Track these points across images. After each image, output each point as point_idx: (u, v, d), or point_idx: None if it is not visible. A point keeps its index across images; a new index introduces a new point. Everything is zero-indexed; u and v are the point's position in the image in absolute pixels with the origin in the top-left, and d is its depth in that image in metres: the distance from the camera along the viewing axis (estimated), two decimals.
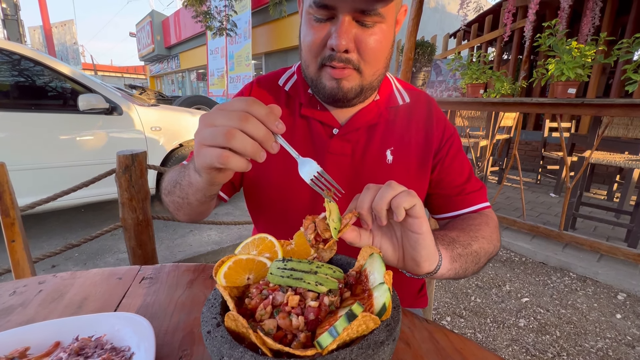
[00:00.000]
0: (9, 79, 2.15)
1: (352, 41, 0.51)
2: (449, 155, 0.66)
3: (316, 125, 0.63)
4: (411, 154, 0.64)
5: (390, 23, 0.53)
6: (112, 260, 2.09)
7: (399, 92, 0.68)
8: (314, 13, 0.51)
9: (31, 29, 16.86)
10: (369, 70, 0.55)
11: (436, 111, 0.68)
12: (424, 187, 0.66)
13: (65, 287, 0.57)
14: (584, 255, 2.26)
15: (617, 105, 1.95)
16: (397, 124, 0.65)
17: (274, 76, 0.70)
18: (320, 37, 0.52)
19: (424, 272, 0.44)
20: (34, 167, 2.13)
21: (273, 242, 0.44)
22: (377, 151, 0.63)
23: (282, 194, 0.64)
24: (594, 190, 4.02)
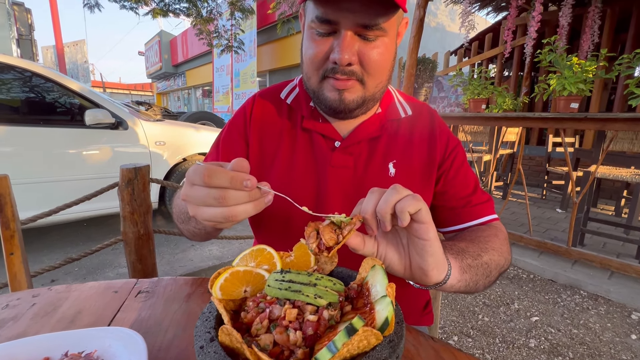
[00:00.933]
0: (18, 95, 2.20)
1: (355, 55, 0.51)
2: (454, 167, 0.65)
3: (318, 138, 0.63)
4: (414, 166, 0.63)
5: (392, 35, 0.54)
6: (112, 275, 2.06)
7: (401, 105, 0.68)
8: (317, 27, 0.51)
9: (44, 49, 17.47)
10: (372, 82, 0.55)
11: (439, 123, 0.67)
12: (427, 199, 0.64)
13: (59, 301, 0.56)
14: (594, 273, 2.19)
15: (621, 119, 1.94)
16: (399, 137, 0.64)
17: (275, 89, 0.70)
18: (323, 51, 0.52)
19: (433, 281, 0.42)
20: (39, 181, 2.15)
21: (272, 254, 0.42)
22: (379, 164, 0.62)
23: (283, 206, 0.63)
24: (601, 205, 3.96)
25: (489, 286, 0.53)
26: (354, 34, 0.50)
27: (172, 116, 7.11)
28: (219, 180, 0.35)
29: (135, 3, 5.59)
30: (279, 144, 0.64)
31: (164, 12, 6.01)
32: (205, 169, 0.35)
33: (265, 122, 0.66)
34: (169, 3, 5.99)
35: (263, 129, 0.66)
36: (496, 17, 5.52)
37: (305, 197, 0.62)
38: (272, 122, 0.66)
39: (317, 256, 0.45)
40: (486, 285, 0.52)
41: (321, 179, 0.62)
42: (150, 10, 5.88)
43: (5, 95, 2.15)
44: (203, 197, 0.36)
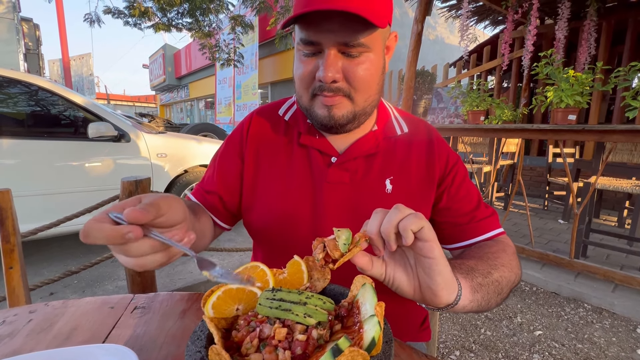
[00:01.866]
0: (21, 108, 2.24)
1: (340, 72, 0.53)
2: (455, 183, 0.65)
3: (315, 153, 0.64)
4: (412, 183, 0.63)
5: (378, 51, 0.55)
6: (111, 288, 2.05)
7: (398, 122, 0.68)
8: (303, 49, 0.54)
9: (51, 62, 17.82)
10: (360, 97, 0.56)
11: (437, 140, 0.67)
12: (426, 216, 0.64)
13: (55, 317, 0.56)
14: (597, 285, 2.17)
15: (619, 131, 1.95)
16: (396, 154, 0.65)
17: (274, 106, 0.71)
18: (309, 70, 0.55)
19: (443, 302, 0.41)
20: (42, 193, 2.17)
21: (265, 271, 0.43)
22: (375, 180, 0.62)
23: (281, 221, 0.63)
24: (603, 216, 3.93)
25: (500, 303, 0.52)
26: (337, 52, 0.52)
27: (175, 128, 7.18)
28: (97, 239, 0.32)
29: (139, 18, 5.73)
30: (276, 160, 0.65)
31: (167, 27, 6.15)
32: (85, 228, 0.32)
33: (262, 138, 0.67)
34: (172, 18, 6.13)
35: (260, 146, 0.67)
36: (494, 30, 5.62)
37: (301, 213, 0.62)
38: (270, 139, 0.67)
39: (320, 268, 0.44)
40: (498, 302, 0.51)
41: (317, 194, 0.62)
42: (153, 25, 6.02)
43: (10, 109, 2.19)
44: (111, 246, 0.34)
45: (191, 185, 2.81)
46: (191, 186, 2.81)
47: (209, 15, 6.08)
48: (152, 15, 5.83)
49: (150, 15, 5.80)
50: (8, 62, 5.17)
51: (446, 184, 0.64)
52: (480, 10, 4.68)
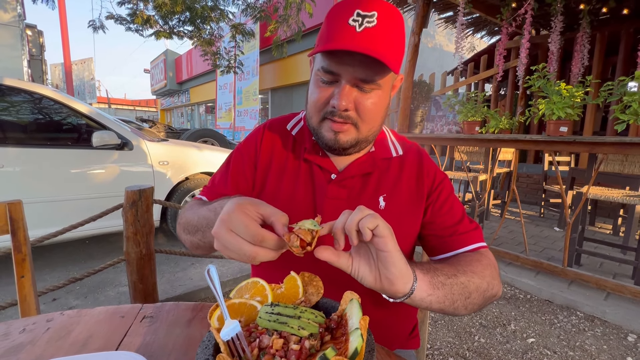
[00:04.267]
0: (27, 117, 2.29)
1: (352, 102, 0.60)
2: (440, 199, 0.70)
3: (317, 170, 0.70)
4: (403, 200, 0.69)
5: (386, 89, 0.62)
6: (112, 294, 2.09)
7: (393, 145, 0.75)
8: (322, 76, 0.60)
9: (53, 66, 17.94)
10: (365, 127, 0.63)
11: (427, 161, 0.74)
12: (415, 230, 0.70)
13: (71, 325, 0.61)
14: (590, 293, 2.21)
15: (609, 143, 2.01)
16: (390, 174, 0.71)
17: (283, 121, 0.78)
18: (325, 97, 0.61)
19: (400, 291, 0.47)
20: (46, 200, 2.22)
21: (264, 286, 0.48)
22: (370, 197, 0.68)
23: None
24: (599, 224, 3.98)
25: (471, 309, 0.56)
26: (352, 85, 0.59)
27: (175, 133, 7.25)
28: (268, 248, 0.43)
29: (141, 25, 5.82)
30: (283, 173, 0.72)
31: (168, 34, 6.23)
32: (256, 229, 0.42)
33: (272, 151, 0.74)
34: (173, 26, 6.22)
35: (270, 158, 0.74)
36: (490, 40, 5.72)
37: None
38: (279, 152, 0.74)
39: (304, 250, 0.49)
40: (467, 306, 0.55)
41: (318, 208, 0.68)
42: (155, 32, 6.11)
43: (15, 118, 2.25)
44: (237, 249, 0.42)
45: (192, 192, 2.86)
46: (192, 193, 2.86)
47: (210, 24, 6.18)
48: (154, 23, 5.93)
49: (153, 22, 5.89)
50: (12, 67, 5.25)
51: (432, 199, 0.70)
52: (477, 21, 4.77)
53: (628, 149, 1.94)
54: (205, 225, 0.58)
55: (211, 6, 5.90)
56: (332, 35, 0.57)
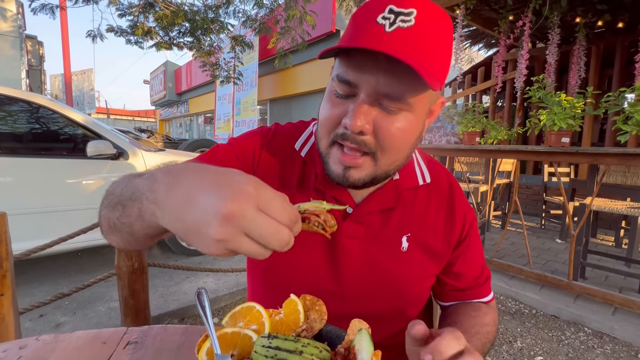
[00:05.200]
0: (19, 126, 2.25)
1: (370, 123, 0.45)
2: (469, 247, 0.63)
3: (331, 202, 0.56)
4: (428, 242, 0.59)
5: (419, 113, 0.48)
6: (103, 310, 2.01)
7: (420, 170, 0.62)
8: (336, 87, 0.47)
9: (53, 77, 18.03)
10: (385, 159, 0.49)
11: (458, 196, 0.63)
12: (433, 277, 0.63)
13: (46, 353, 0.55)
14: (597, 308, 2.15)
15: (612, 154, 1.98)
16: (415, 208, 0.59)
17: (291, 134, 0.63)
18: (337, 114, 0.48)
19: None
20: (36, 211, 2.15)
21: (261, 312, 0.42)
22: (391, 237, 0.58)
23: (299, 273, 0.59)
24: (600, 235, 3.94)
25: None
26: (372, 101, 0.45)
27: (173, 143, 7.23)
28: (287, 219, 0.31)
29: (141, 37, 5.85)
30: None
31: (168, 46, 6.27)
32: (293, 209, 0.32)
33: (273, 169, 0.60)
34: (174, 37, 6.27)
35: (271, 177, 0.60)
36: (487, 52, 5.79)
37: (318, 268, 0.59)
38: (284, 176, 0.60)
39: (307, 314, 0.45)
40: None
41: (334, 249, 0.58)
42: (155, 44, 6.15)
43: (8, 127, 2.20)
44: (271, 234, 0.29)
45: None
46: None
47: (210, 35, 6.23)
48: (155, 35, 5.97)
49: (153, 34, 5.93)
50: (11, 77, 5.24)
51: (462, 248, 0.62)
52: (474, 34, 4.84)
53: (631, 160, 1.92)
54: (130, 195, 0.38)
55: (211, 18, 5.96)
56: (354, 35, 0.45)
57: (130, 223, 0.39)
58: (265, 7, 5.44)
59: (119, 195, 0.41)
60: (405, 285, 0.59)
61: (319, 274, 0.59)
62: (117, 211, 0.40)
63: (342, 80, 0.46)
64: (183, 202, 0.30)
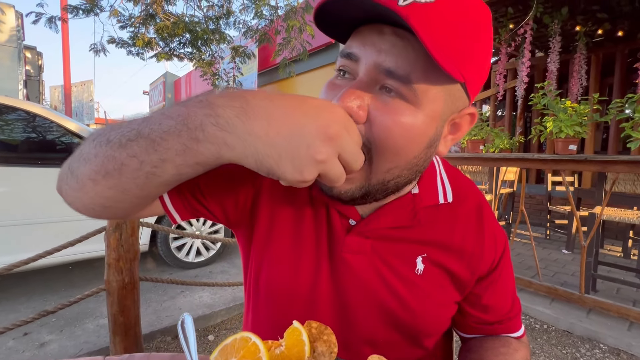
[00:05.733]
0: (8, 135, 2.17)
1: (364, 109, 0.36)
2: (501, 277, 0.54)
3: (333, 213, 0.50)
4: (448, 265, 0.50)
5: (429, 112, 0.38)
6: (91, 327, 1.90)
7: (443, 186, 0.52)
8: (339, 63, 0.41)
9: (52, 88, 18.12)
10: (380, 164, 0.39)
11: (488, 218, 0.53)
12: (453, 305, 0.54)
13: None
14: (612, 323, 2.05)
15: (621, 161, 1.92)
16: (435, 228, 0.50)
17: None
18: (330, 97, 0.40)
19: None
20: (23, 223, 2.06)
21: (257, 346, 0.34)
22: (404, 256, 0.49)
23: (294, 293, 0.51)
24: (607, 246, 3.85)
25: None
26: (372, 82, 0.37)
27: None
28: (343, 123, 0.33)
29: (142, 48, 5.87)
30: (290, 216, 0.51)
31: (169, 56, 6.29)
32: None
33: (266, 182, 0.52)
34: (174, 48, 6.29)
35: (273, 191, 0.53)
36: None
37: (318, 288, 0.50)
38: (274, 183, 0.52)
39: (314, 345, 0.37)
40: None
41: (333, 265, 0.50)
42: (156, 54, 6.16)
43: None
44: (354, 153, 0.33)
45: None
46: None
47: (210, 46, 6.26)
48: (155, 45, 5.98)
49: (153, 45, 5.95)
50: (8, 88, 5.22)
51: (493, 278, 0.53)
52: None
53: None
54: (168, 128, 0.31)
55: (212, 29, 6.00)
56: None
57: (162, 160, 0.31)
58: (265, 18, 5.47)
59: (139, 130, 0.32)
60: (419, 313, 0.50)
61: (319, 295, 0.51)
62: (137, 146, 0.31)
63: (344, 54, 0.40)
64: (278, 125, 0.30)
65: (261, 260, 0.53)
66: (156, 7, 5.28)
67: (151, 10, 5.38)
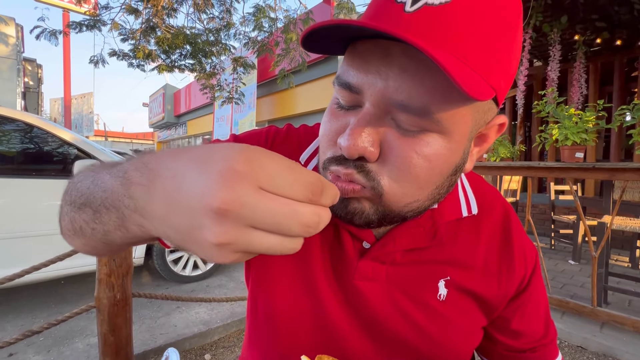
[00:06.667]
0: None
1: (376, 145, 0.31)
2: (532, 298, 0.48)
3: (344, 234, 0.44)
4: (475, 288, 0.44)
5: (457, 137, 0.32)
6: (81, 347, 1.80)
7: (466, 197, 0.47)
8: (337, 94, 0.35)
9: (52, 100, 18.21)
10: (395, 193, 0.33)
11: (517, 231, 0.47)
12: (478, 336, 0.48)
13: None
14: (627, 338, 1.96)
15: (630, 169, 1.87)
16: (458, 245, 0.44)
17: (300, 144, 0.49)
18: (335, 129, 0.35)
19: None
20: (13, 236, 1.99)
21: None
22: (425, 280, 0.44)
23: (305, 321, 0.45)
24: (614, 256, 3.77)
25: None
26: (382, 113, 0.31)
27: None
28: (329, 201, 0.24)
29: (143, 60, 5.89)
30: None
31: (170, 68, 6.32)
32: (312, 174, 0.22)
33: None
34: (175, 60, 6.32)
35: None
36: None
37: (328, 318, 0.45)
38: None
39: None
40: None
41: (345, 294, 0.44)
42: (157, 66, 6.18)
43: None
44: (282, 216, 0.21)
45: None
46: None
47: (211, 57, 6.29)
48: (156, 57, 6.01)
49: (154, 57, 5.98)
50: (7, 99, 5.20)
51: (523, 300, 0.47)
52: None
53: None
54: (102, 200, 0.28)
55: (212, 41, 6.04)
56: (363, 18, 0.33)
57: (106, 231, 0.29)
58: (264, 30, 5.52)
59: (87, 194, 0.31)
60: (442, 344, 0.44)
61: (330, 326, 0.44)
62: (86, 214, 0.31)
63: (341, 84, 0.33)
64: (166, 203, 0.23)
65: (258, 281, 0.48)
66: (157, 19, 5.32)
67: (152, 23, 5.42)
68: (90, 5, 5.84)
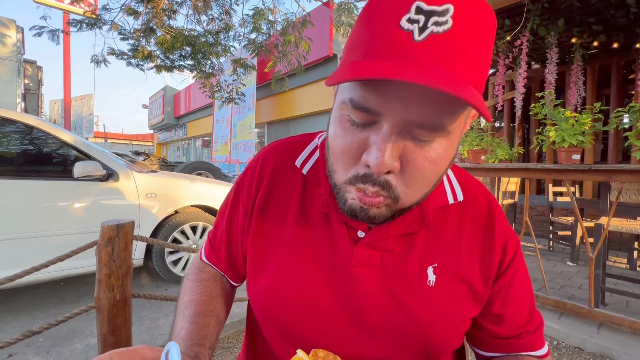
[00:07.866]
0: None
1: (398, 159, 0.36)
2: (514, 282, 0.49)
3: (338, 225, 0.48)
4: (462, 274, 0.48)
5: (456, 136, 0.38)
6: (80, 347, 1.80)
7: (451, 187, 0.51)
8: (350, 113, 0.36)
9: (52, 102, 18.21)
10: (409, 197, 0.39)
11: (499, 218, 0.51)
12: (469, 316, 0.49)
13: None
14: (625, 339, 1.97)
15: (627, 171, 1.89)
16: (444, 232, 0.48)
17: (291, 148, 0.55)
18: (355, 145, 0.37)
19: None
20: (14, 237, 1.99)
21: None
22: (415, 267, 0.47)
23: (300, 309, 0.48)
24: (612, 257, 3.79)
25: None
26: (402, 131, 0.35)
27: (169, 166, 7.14)
28: None
29: (142, 60, 5.90)
30: (287, 226, 0.50)
31: (169, 68, 6.33)
32: None
33: (273, 198, 0.52)
34: (174, 60, 6.34)
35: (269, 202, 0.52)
36: None
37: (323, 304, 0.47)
38: (282, 198, 0.52)
39: None
40: None
41: (341, 280, 0.47)
42: (155, 65, 6.20)
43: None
44: None
45: (181, 227, 2.64)
46: (181, 228, 2.65)
47: (210, 58, 6.31)
48: (155, 58, 6.03)
49: (153, 58, 5.99)
50: (7, 101, 5.21)
51: (503, 283, 0.49)
52: None
53: None
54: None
55: (211, 42, 6.06)
56: (370, 46, 0.33)
57: None
58: (262, 33, 5.54)
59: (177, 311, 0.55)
60: (431, 329, 0.46)
61: (324, 312, 0.47)
62: None
63: (358, 107, 0.35)
64: None
65: (254, 272, 0.51)
66: (157, 21, 5.33)
67: (152, 24, 5.44)
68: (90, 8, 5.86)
